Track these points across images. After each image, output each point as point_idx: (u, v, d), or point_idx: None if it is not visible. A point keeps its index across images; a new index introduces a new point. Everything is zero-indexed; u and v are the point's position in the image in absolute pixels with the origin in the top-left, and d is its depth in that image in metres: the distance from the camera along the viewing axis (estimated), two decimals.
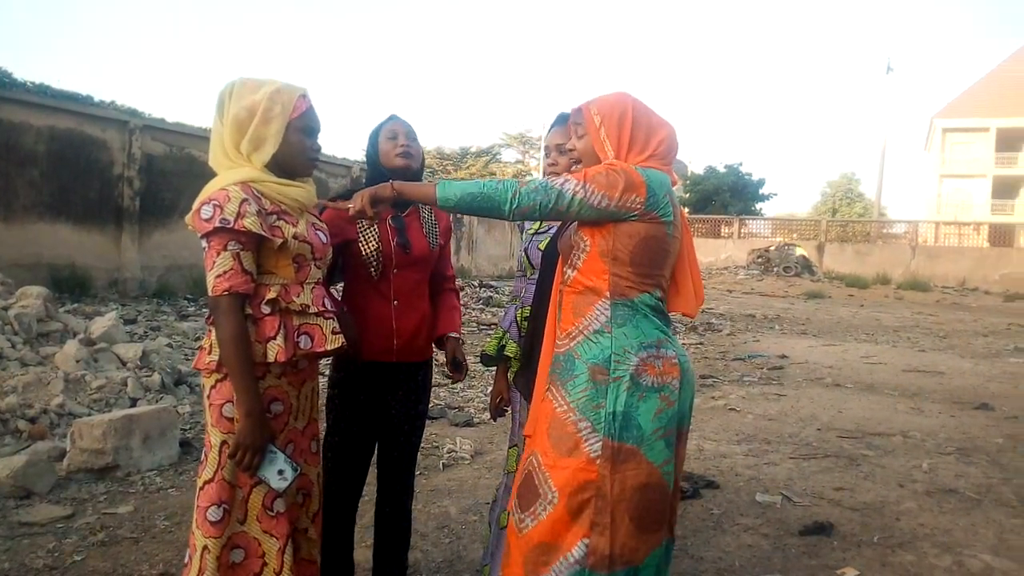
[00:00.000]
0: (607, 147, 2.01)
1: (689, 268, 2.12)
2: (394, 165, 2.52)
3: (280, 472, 1.94)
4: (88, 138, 11.44)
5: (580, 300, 1.98)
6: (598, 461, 1.86)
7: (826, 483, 4.37)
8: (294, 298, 2.02)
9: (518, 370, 2.59)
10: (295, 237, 2.02)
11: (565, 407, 1.93)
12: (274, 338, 1.96)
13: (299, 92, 2.05)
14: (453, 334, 2.67)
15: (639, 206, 1.90)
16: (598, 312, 1.95)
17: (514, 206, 1.90)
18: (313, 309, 2.06)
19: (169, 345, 6.81)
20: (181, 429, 4.60)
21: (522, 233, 2.77)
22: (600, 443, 1.87)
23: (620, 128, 2.00)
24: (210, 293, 1.91)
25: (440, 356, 2.75)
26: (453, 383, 3.01)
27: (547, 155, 2.61)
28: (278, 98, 2.00)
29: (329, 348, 2.08)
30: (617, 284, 1.94)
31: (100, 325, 5.90)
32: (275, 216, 2.00)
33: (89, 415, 4.49)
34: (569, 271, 2.02)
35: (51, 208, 10.90)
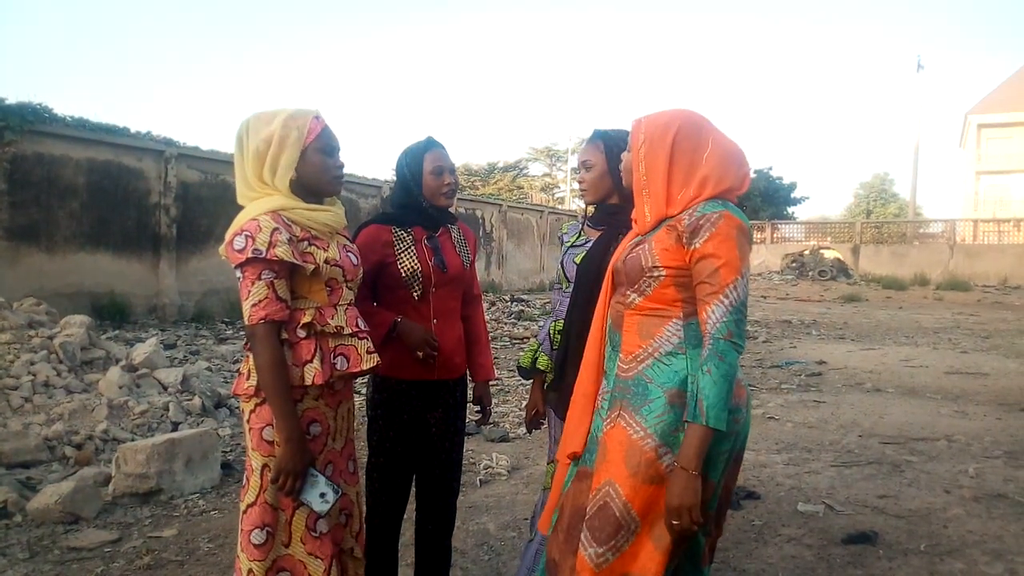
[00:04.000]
0: (643, 172, 1.95)
1: None
2: (439, 204, 2.57)
3: (322, 495, 1.96)
4: (125, 168, 11.75)
5: (648, 322, 1.91)
6: None
7: (869, 491, 4.29)
8: (329, 321, 2.05)
9: (550, 385, 2.56)
10: (327, 262, 2.05)
11: (642, 433, 1.85)
12: (311, 361, 1.99)
13: (312, 114, 2.09)
14: (489, 380, 2.79)
15: None
16: (669, 333, 1.88)
17: (740, 344, 1.80)
18: (347, 330, 2.09)
19: (208, 369, 6.93)
20: (222, 451, 4.67)
21: (563, 245, 2.77)
22: None
23: (656, 154, 1.93)
24: (246, 322, 1.95)
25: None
26: (478, 423, 3.05)
27: (578, 171, 2.64)
28: (292, 124, 2.04)
29: (364, 368, 2.11)
30: (689, 307, 1.88)
31: (141, 351, 6.02)
32: (306, 242, 2.03)
33: (133, 440, 4.58)
34: (634, 295, 1.93)
35: (91, 238, 11.20)
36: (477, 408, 2.86)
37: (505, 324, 12.87)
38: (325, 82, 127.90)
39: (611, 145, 2.49)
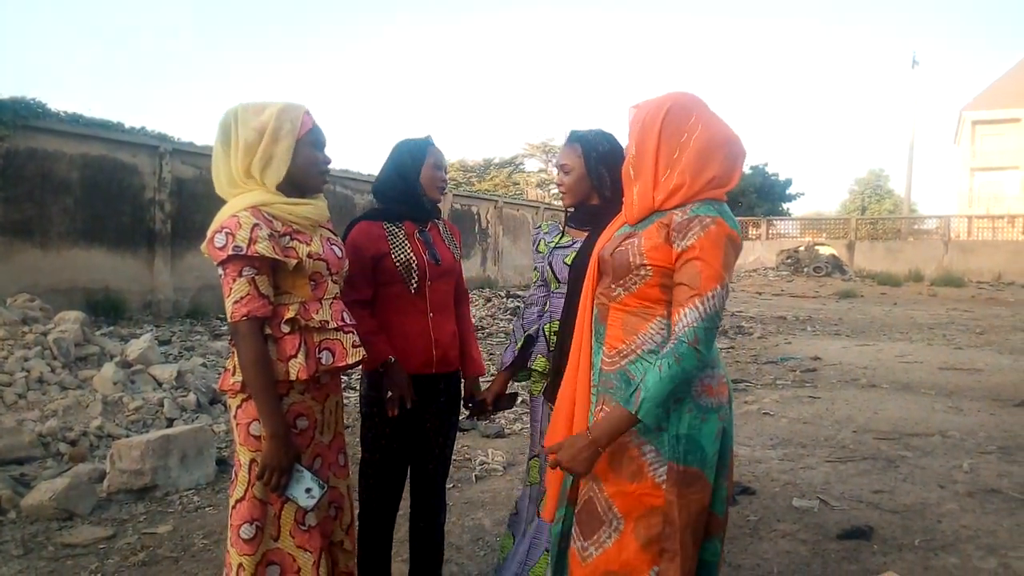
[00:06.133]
0: (634, 155, 1.93)
1: None
2: (432, 196, 2.60)
3: (308, 490, 1.96)
4: (119, 164, 11.70)
5: (632, 318, 1.89)
6: (664, 486, 1.80)
7: (864, 486, 4.30)
8: (313, 315, 2.04)
9: (549, 384, 2.54)
10: (309, 256, 2.04)
11: None
12: (295, 356, 1.99)
13: (303, 109, 2.09)
14: (480, 375, 2.80)
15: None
16: (653, 332, 1.85)
17: (704, 353, 1.75)
18: (332, 324, 2.08)
19: (203, 365, 6.91)
20: (217, 448, 4.66)
21: (536, 245, 2.74)
22: (665, 468, 1.80)
23: (647, 135, 1.90)
24: (229, 319, 1.94)
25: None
26: (470, 417, 3.04)
27: (558, 173, 2.63)
28: (285, 116, 2.03)
29: (350, 362, 2.10)
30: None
31: (136, 347, 6.01)
32: (288, 237, 2.02)
33: (127, 436, 4.56)
34: (618, 289, 1.90)
35: (85, 234, 11.15)
36: (468, 411, 2.85)
37: (500, 320, 12.87)
38: (321, 78, 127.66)
39: (588, 148, 2.50)
